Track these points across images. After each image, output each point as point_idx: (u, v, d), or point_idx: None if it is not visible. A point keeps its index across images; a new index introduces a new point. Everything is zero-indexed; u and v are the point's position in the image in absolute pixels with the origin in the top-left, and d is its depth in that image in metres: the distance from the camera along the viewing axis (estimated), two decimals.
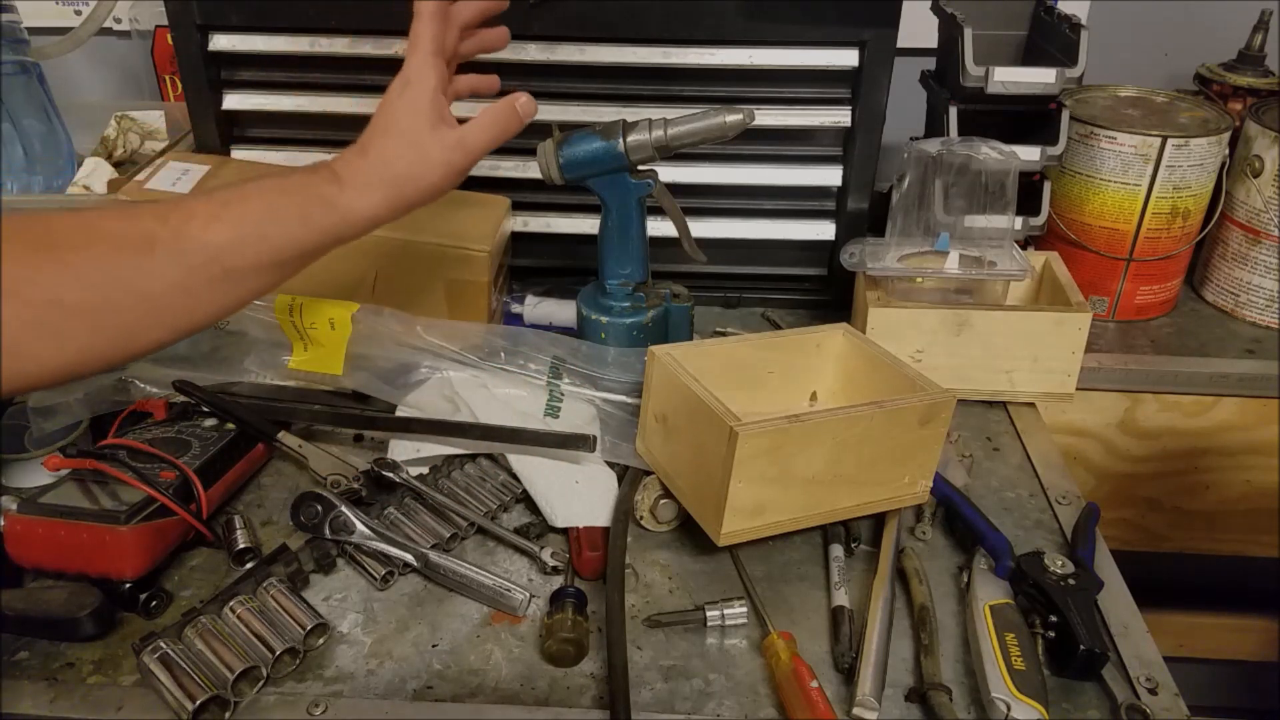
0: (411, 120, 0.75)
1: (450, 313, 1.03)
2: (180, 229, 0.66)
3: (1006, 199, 1.00)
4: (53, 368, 0.63)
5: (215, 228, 0.67)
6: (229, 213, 0.68)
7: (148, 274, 0.65)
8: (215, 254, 0.67)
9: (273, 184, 0.71)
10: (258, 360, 0.97)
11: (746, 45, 1.06)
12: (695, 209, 1.11)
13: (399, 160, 0.75)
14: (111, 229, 0.65)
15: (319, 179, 0.73)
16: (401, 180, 0.75)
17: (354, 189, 0.73)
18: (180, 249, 0.66)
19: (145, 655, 0.68)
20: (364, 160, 0.75)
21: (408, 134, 0.75)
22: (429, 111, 0.76)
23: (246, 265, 0.69)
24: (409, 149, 0.75)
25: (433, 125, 0.76)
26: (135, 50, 1.50)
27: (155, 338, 0.67)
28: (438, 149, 0.76)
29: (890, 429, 0.79)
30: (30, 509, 0.75)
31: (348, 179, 0.74)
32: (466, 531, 0.84)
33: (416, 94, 0.76)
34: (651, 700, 0.70)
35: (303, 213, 0.71)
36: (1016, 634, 0.71)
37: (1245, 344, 1.18)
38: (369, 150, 0.75)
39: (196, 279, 0.67)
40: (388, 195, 0.74)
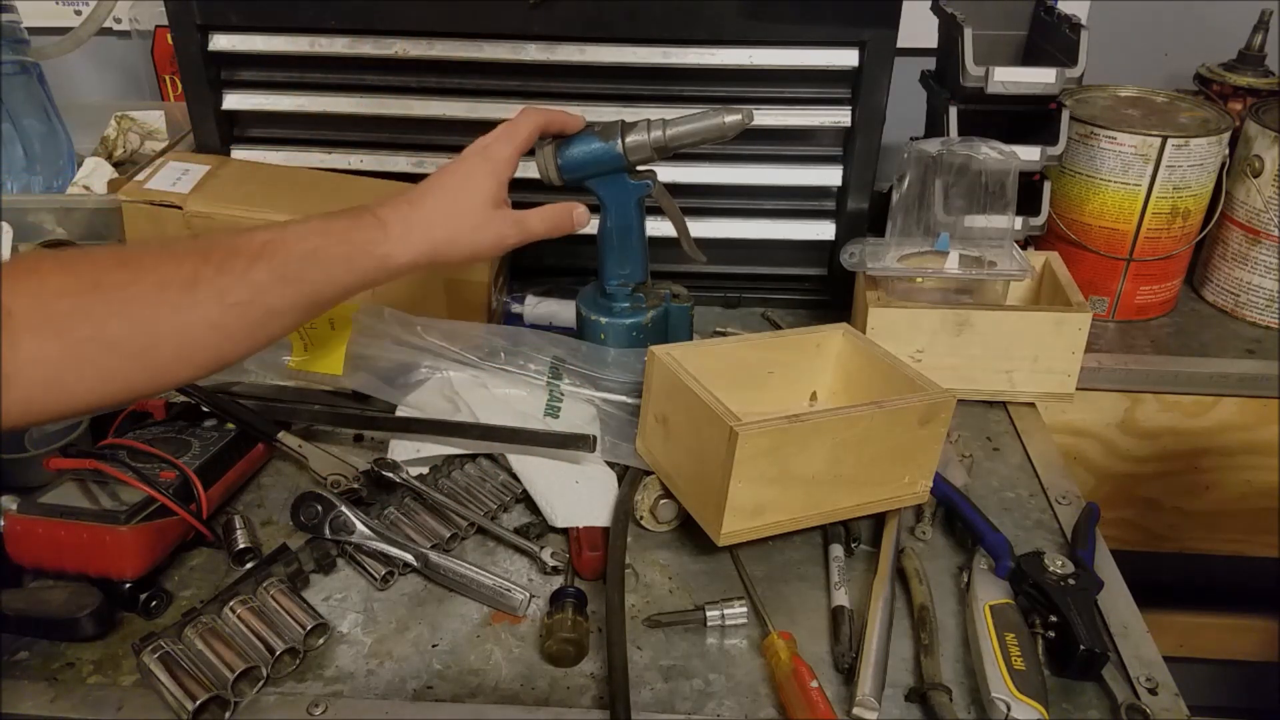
0: (477, 195, 0.80)
1: (450, 313, 1.03)
2: (223, 267, 0.66)
3: (1006, 199, 1.00)
4: (90, 402, 0.63)
5: (258, 267, 0.68)
6: (272, 252, 0.69)
7: (188, 312, 0.65)
8: (256, 294, 0.68)
9: (316, 226, 0.72)
10: (258, 360, 0.97)
11: (746, 45, 1.06)
12: (695, 209, 1.11)
13: (450, 223, 0.79)
14: (156, 267, 0.65)
15: (363, 224, 0.75)
16: (446, 242, 0.78)
17: (398, 238, 0.75)
18: (223, 287, 0.66)
19: (145, 655, 0.68)
20: (415, 212, 0.77)
21: (466, 204, 0.80)
22: (496, 192, 0.81)
23: (285, 305, 0.70)
24: (463, 217, 0.79)
25: (495, 204, 0.81)
26: (135, 50, 1.50)
27: (187, 374, 0.67)
28: (495, 225, 0.81)
29: (890, 429, 0.79)
30: (30, 509, 0.75)
31: (393, 226, 0.75)
32: (466, 531, 0.84)
33: (491, 173, 0.81)
34: (651, 700, 0.70)
35: (345, 255, 0.73)
36: (1016, 634, 0.71)
37: (1245, 344, 1.18)
38: (423, 205, 0.78)
39: (235, 318, 0.67)
40: (427, 251, 0.77)
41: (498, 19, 1.05)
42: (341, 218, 0.74)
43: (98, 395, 0.63)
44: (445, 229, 0.78)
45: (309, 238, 0.71)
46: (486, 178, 0.81)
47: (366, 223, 0.75)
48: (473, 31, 1.07)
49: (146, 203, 1.02)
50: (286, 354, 0.97)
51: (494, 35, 1.07)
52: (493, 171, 0.81)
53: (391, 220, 0.76)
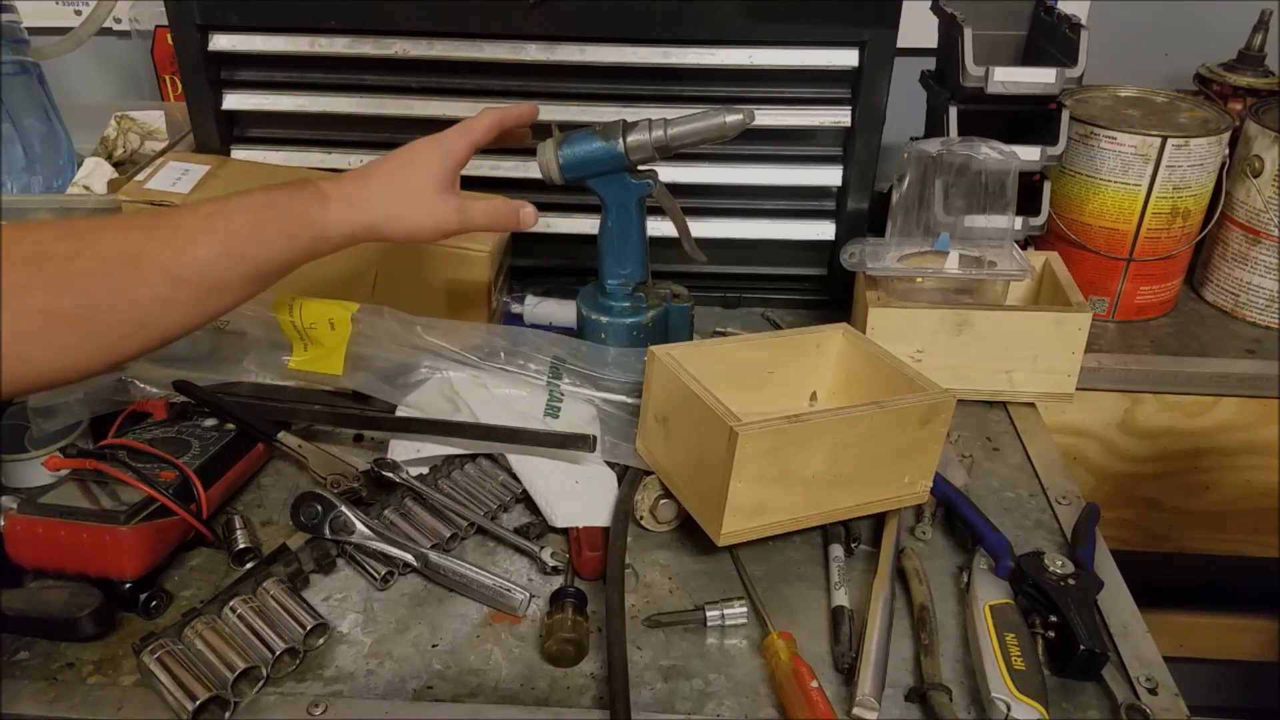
0: (425, 178, 0.82)
1: (450, 313, 1.03)
2: (167, 241, 0.68)
3: (1006, 199, 1.00)
4: (44, 374, 0.64)
5: (201, 241, 0.69)
6: (214, 226, 0.70)
7: (135, 285, 0.66)
8: (200, 268, 0.69)
9: (258, 199, 0.74)
10: (258, 360, 0.97)
11: (746, 45, 1.06)
12: (695, 209, 1.11)
13: (393, 201, 0.80)
14: (101, 240, 0.66)
15: (304, 196, 0.76)
16: (386, 219, 0.80)
17: (338, 211, 0.77)
18: (167, 262, 0.67)
19: (145, 655, 0.68)
20: (358, 187, 0.79)
21: (411, 184, 0.81)
22: (443, 176, 0.82)
23: (230, 278, 0.71)
24: (407, 197, 0.81)
25: (441, 189, 0.82)
26: (135, 50, 1.50)
27: (140, 345, 0.69)
28: (438, 209, 0.82)
29: (890, 429, 0.79)
30: (30, 509, 0.75)
31: (334, 199, 0.77)
32: (466, 531, 0.84)
33: (441, 157, 0.82)
34: (651, 700, 0.70)
35: (285, 230, 0.74)
36: (1016, 634, 0.71)
37: (1245, 344, 1.18)
38: (367, 181, 0.80)
39: (181, 291, 0.68)
40: (366, 225, 0.79)
41: (498, 19, 1.05)
42: (284, 190, 0.76)
43: (50, 368, 0.64)
44: (387, 206, 0.79)
45: (250, 211, 0.72)
46: (435, 161, 0.82)
47: (308, 195, 0.76)
48: (473, 31, 1.07)
49: (146, 203, 1.01)
50: (286, 354, 0.97)
51: (494, 35, 1.07)
52: (443, 156, 0.83)
53: (333, 194, 0.77)
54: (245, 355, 0.97)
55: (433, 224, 0.82)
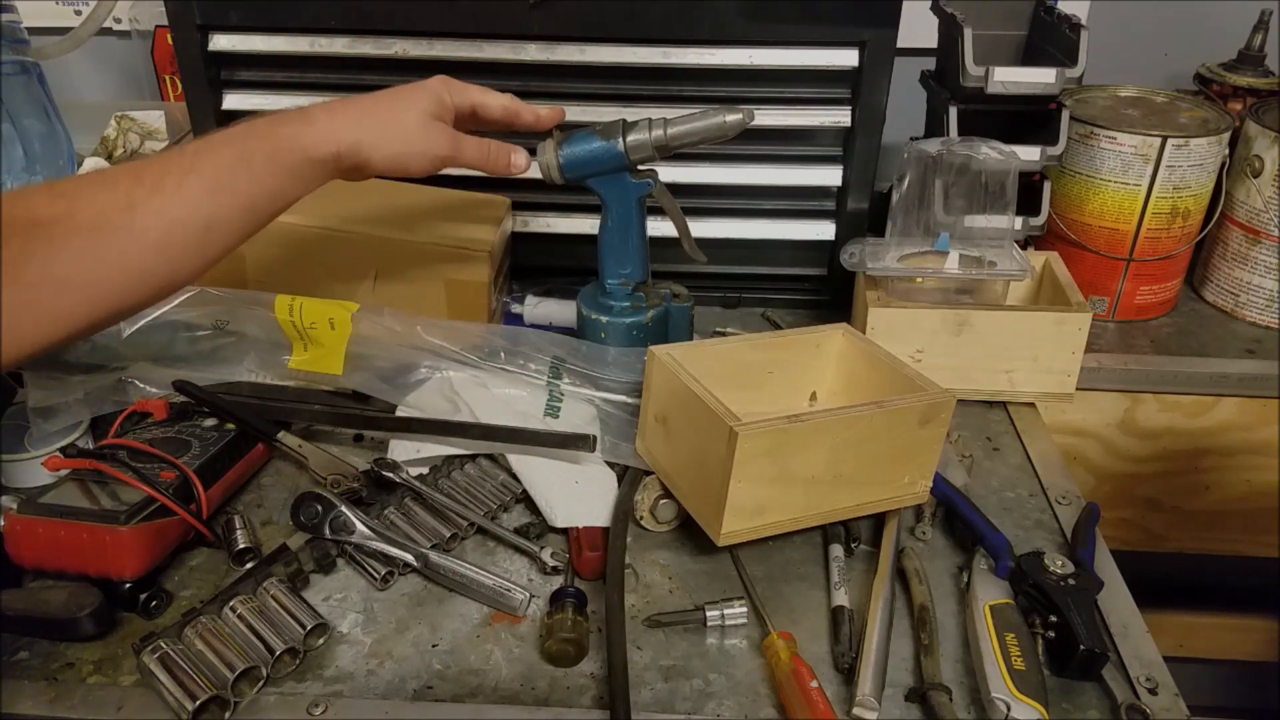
0: (416, 105, 0.80)
1: (450, 313, 1.03)
2: (157, 186, 0.66)
3: (1006, 199, 1.00)
4: (46, 339, 0.63)
5: (190, 181, 0.68)
6: (200, 163, 0.69)
7: (130, 236, 0.65)
8: (193, 209, 0.68)
9: (241, 129, 0.73)
10: (258, 360, 0.97)
11: (746, 45, 1.06)
12: (695, 209, 1.11)
13: (381, 122, 0.78)
14: (91, 197, 0.65)
15: (287, 118, 0.75)
16: (374, 138, 0.77)
17: (322, 128, 0.75)
18: (159, 206, 0.66)
19: (145, 655, 0.68)
20: (345, 106, 0.78)
21: (403, 109, 0.79)
22: (436, 108, 0.80)
23: (223, 215, 0.70)
24: (397, 120, 0.79)
25: (434, 116, 0.80)
26: (135, 50, 1.50)
27: (141, 297, 0.68)
28: (428, 132, 0.80)
29: (890, 429, 0.79)
30: (30, 509, 0.75)
31: (318, 118, 0.75)
32: (466, 531, 0.84)
33: (436, 93, 0.81)
34: (651, 700, 0.70)
35: (270, 152, 0.73)
36: (1016, 634, 0.71)
37: (1245, 344, 1.18)
38: (357, 101, 0.79)
39: (176, 235, 0.67)
40: (352, 144, 0.76)
41: (498, 19, 1.05)
42: (268, 117, 0.75)
43: (54, 333, 0.63)
44: (375, 125, 0.77)
45: (234, 141, 0.71)
46: (430, 96, 0.81)
47: (290, 117, 0.75)
48: (473, 31, 1.07)
49: None
50: (286, 354, 0.97)
51: (494, 35, 1.07)
52: (438, 91, 0.81)
53: (317, 114, 0.76)
54: (245, 355, 0.97)
55: (422, 147, 0.80)
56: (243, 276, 1.01)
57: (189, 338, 0.95)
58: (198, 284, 0.95)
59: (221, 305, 0.95)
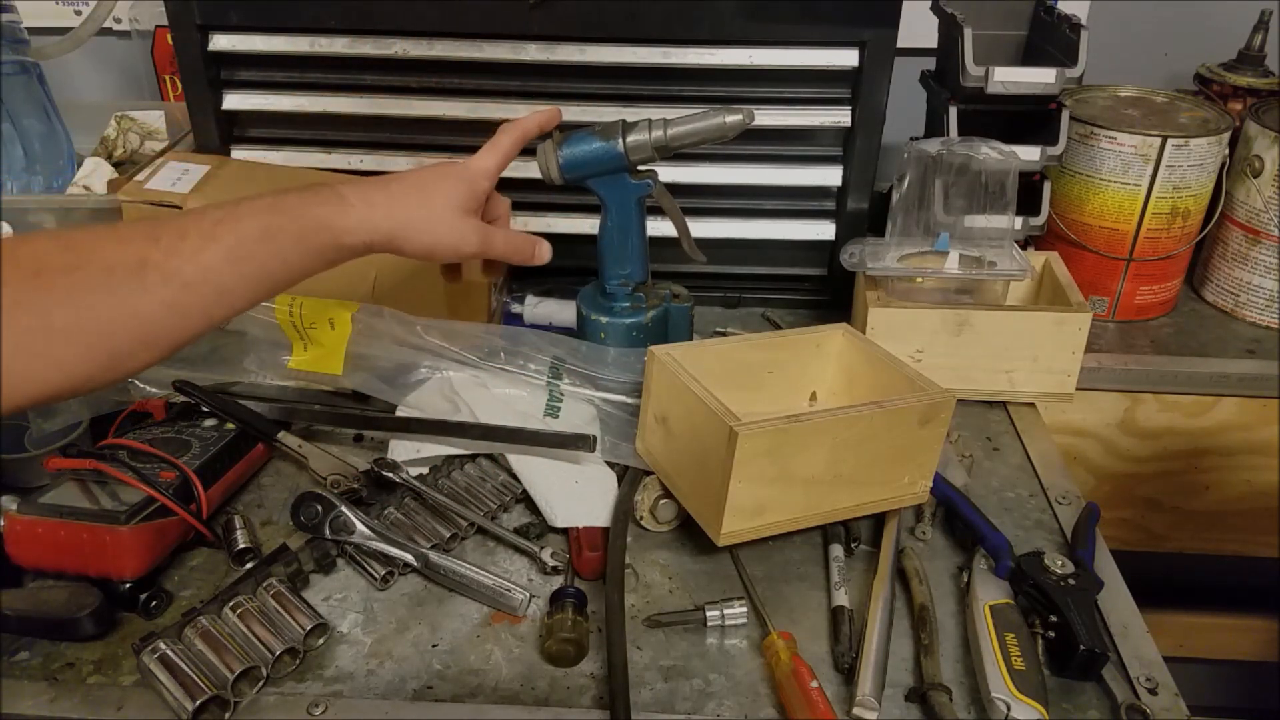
0: (451, 196, 0.80)
1: (450, 313, 1.03)
2: (173, 249, 0.65)
3: (1006, 199, 1.00)
4: (45, 391, 0.62)
5: (210, 248, 0.67)
6: (222, 232, 0.68)
7: (139, 295, 0.64)
8: (207, 274, 0.67)
9: (269, 203, 0.71)
10: (258, 360, 0.97)
11: (746, 45, 1.06)
12: (695, 209, 1.11)
13: (415, 212, 0.78)
14: (102, 251, 0.64)
15: (320, 199, 0.73)
16: (406, 228, 0.77)
17: (358, 216, 0.74)
18: (173, 269, 0.65)
19: (145, 655, 0.68)
20: (380, 194, 0.76)
21: (435, 199, 0.79)
22: (467, 199, 0.81)
23: (239, 284, 0.69)
24: (430, 210, 0.78)
25: (465, 210, 0.81)
26: (135, 50, 1.50)
27: (145, 358, 0.66)
28: (459, 227, 0.80)
29: (890, 429, 0.79)
30: (30, 509, 0.75)
31: (354, 204, 0.74)
32: (466, 531, 0.84)
33: (466, 179, 0.81)
34: (651, 700, 0.70)
35: (299, 232, 0.71)
36: (1016, 634, 0.71)
37: (1245, 344, 1.18)
38: (390, 189, 0.77)
39: (188, 299, 0.66)
40: (386, 234, 0.76)
41: (498, 19, 1.05)
42: (299, 193, 0.73)
43: (53, 384, 0.62)
44: (408, 215, 0.77)
45: (262, 215, 0.70)
46: (460, 183, 0.81)
47: (324, 198, 0.73)
48: (473, 31, 1.07)
49: (146, 203, 1.02)
50: (286, 354, 0.97)
51: (494, 35, 1.07)
52: (469, 179, 0.81)
53: (353, 198, 0.74)
54: (245, 355, 0.97)
55: (452, 241, 0.80)
56: None
57: None
58: None
59: None
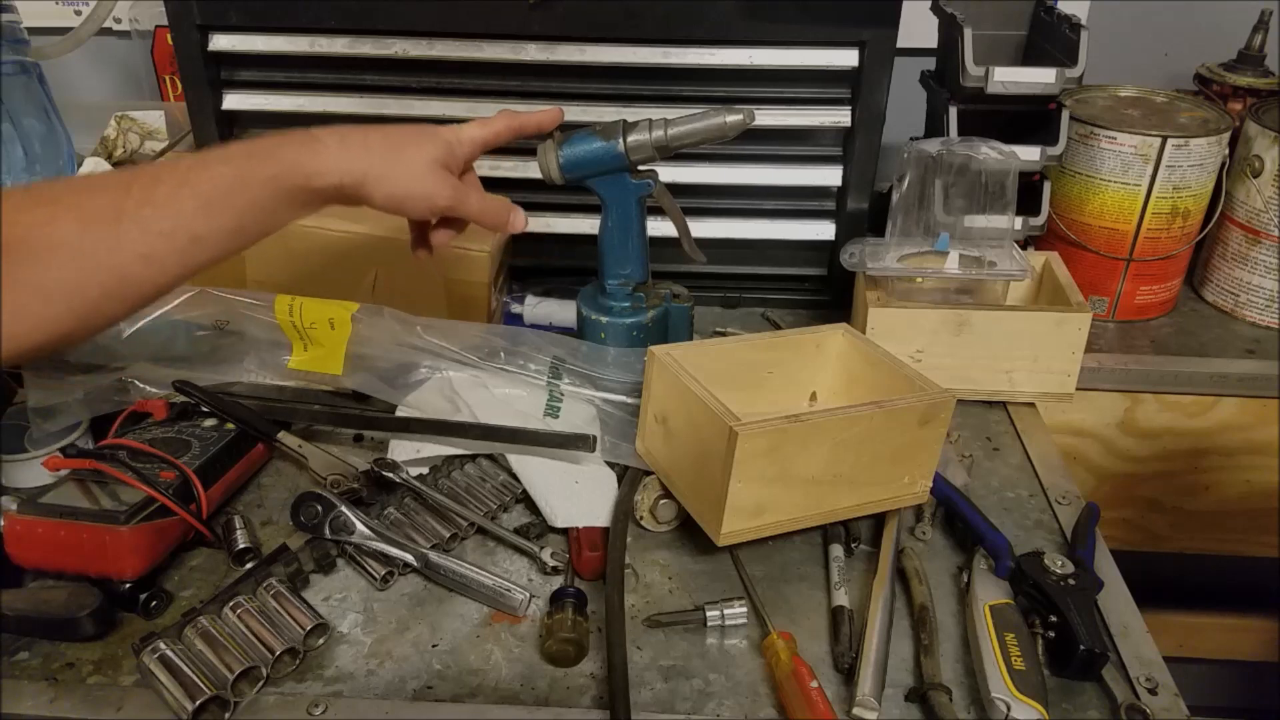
0: (425, 150, 0.78)
1: (450, 313, 1.03)
2: (145, 197, 0.66)
3: (1006, 199, 1.00)
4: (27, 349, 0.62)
5: (183, 195, 0.67)
6: (195, 178, 0.68)
7: (115, 246, 0.64)
8: (180, 222, 0.67)
9: (243, 147, 0.71)
10: (258, 360, 0.97)
11: (746, 45, 1.06)
12: (695, 209, 1.11)
13: (389, 159, 0.76)
14: (77, 203, 0.64)
15: (293, 140, 0.73)
16: (379, 173, 0.75)
17: (331, 155, 0.73)
18: (146, 217, 0.65)
19: (145, 655, 0.68)
20: (357, 135, 0.76)
21: (411, 151, 0.78)
22: (445, 157, 0.79)
23: (212, 231, 0.68)
24: (405, 160, 0.77)
25: (441, 164, 0.79)
26: (135, 50, 1.50)
27: (124, 307, 0.67)
28: (432, 179, 0.78)
29: (890, 429, 0.79)
30: (30, 509, 0.75)
31: (328, 144, 0.73)
32: (466, 531, 0.84)
33: (447, 142, 0.80)
34: (651, 700, 0.70)
35: (271, 175, 0.71)
36: (1016, 634, 0.71)
37: (1245, 344, 1.18)
38: (369, 134, 0.77)
39: (162, 247, 0.66)
40: (358, 176, 0.74)
41: (498, 19, 1.05)
42: (272, 137, 0.73)
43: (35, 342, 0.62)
44: (382, 161, 0.75)
45: (234, 160, 0.70)
46: (441, 144, 0.79)
47: (298, 140, 0.73)
48: (473, 31, 1.07)
49: None
50: (286, 354, 0.97)
51: (494, 35, 1.07)
52: (449, 141, 0.80)
53: (327, 139, 0.74)
54: (245, 355, 0.97)
55: (424, 192, 0.78)
56: (243, 276, 1.01)
57: (189, 338, 0.95)
58: (198, 284, 0.95)
59: (221, 305, 0.95)
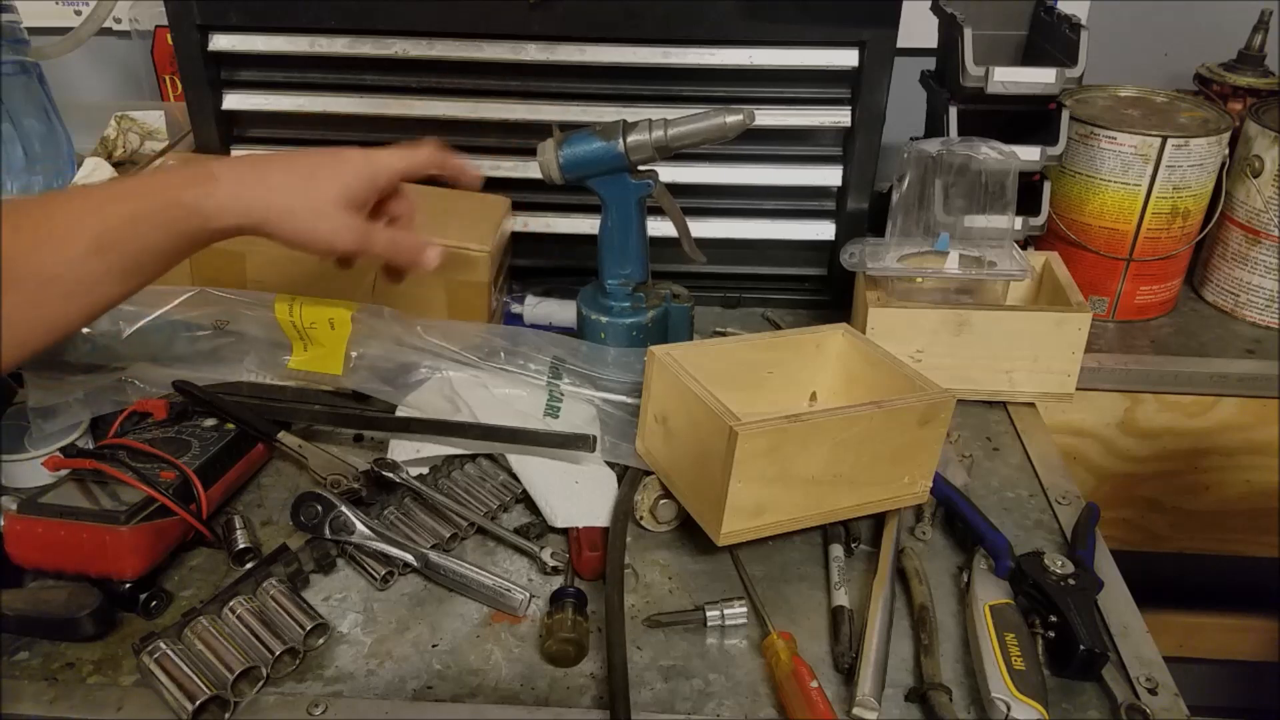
0: (335, 188, 0.74)
1: (450, 313, 1.03)
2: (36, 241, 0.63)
3: (1006, 199, 1.00)
4: None
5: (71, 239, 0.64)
6: (85, 222, 0.65)
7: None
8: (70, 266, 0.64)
9: (135, 186, 0.69)
10: (258, 360, 0.97)
11: (746, 45, 1.06)
12: (695, 209, 1.11)
13: (292, 198, 0.72)
14: None
15: (185, 180, 0.69)
16: (282, 214, 0.72)
17: (227, 195, 0.70)
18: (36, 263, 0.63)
19: (145, 655, 0.68)
20: (255, 176, 0.72)
21: (318, 186, 0.73)
22: (356, 191, 0.75)
23: (104, 274, 0.66)
24: (310, 198, 0.73)
25: (350, 204, 0.75)
26: (135, 50, 1.50)
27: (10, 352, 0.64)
28: (338, 222, 0.74)
29: (890, 429, 0.79)
30: (30, 509, 0.75)
31: (224, 182, 0.70)
32: (466, 531, 0.84)
33: (359, 170, 0.75)
34: (651, 700, 0.70)
35: (165, 219, 0.68)
36: (1016, 634, 0.71)
37: (1245, 344, 1.18)
38: (269, 169, 0.73)
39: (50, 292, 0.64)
40: (258, 219, 0.71)
41: (498, 19, 1.05)
42: (167, 173, 0.70)
43: None
44: (283, 202, 0.72)
45: (126, 200, 0.67)
46: (352, 176, 0.75)
47: (192, 178, 0.69)
48: (473, 31, 1.07)
49: None
50: (286, 354, 0.97)
51: (494, 35, 1.07)
52: (368, 173, 0.75)
53: (224, 176, 0.70)
54: (245, 355, 0.97)
55: (328, 237, 0.74)
56: (243, 276, 1.01)
57: (189, 338, 0.95)
58: (198, 284, 0.95)
59: (221, 305, 0.95)
